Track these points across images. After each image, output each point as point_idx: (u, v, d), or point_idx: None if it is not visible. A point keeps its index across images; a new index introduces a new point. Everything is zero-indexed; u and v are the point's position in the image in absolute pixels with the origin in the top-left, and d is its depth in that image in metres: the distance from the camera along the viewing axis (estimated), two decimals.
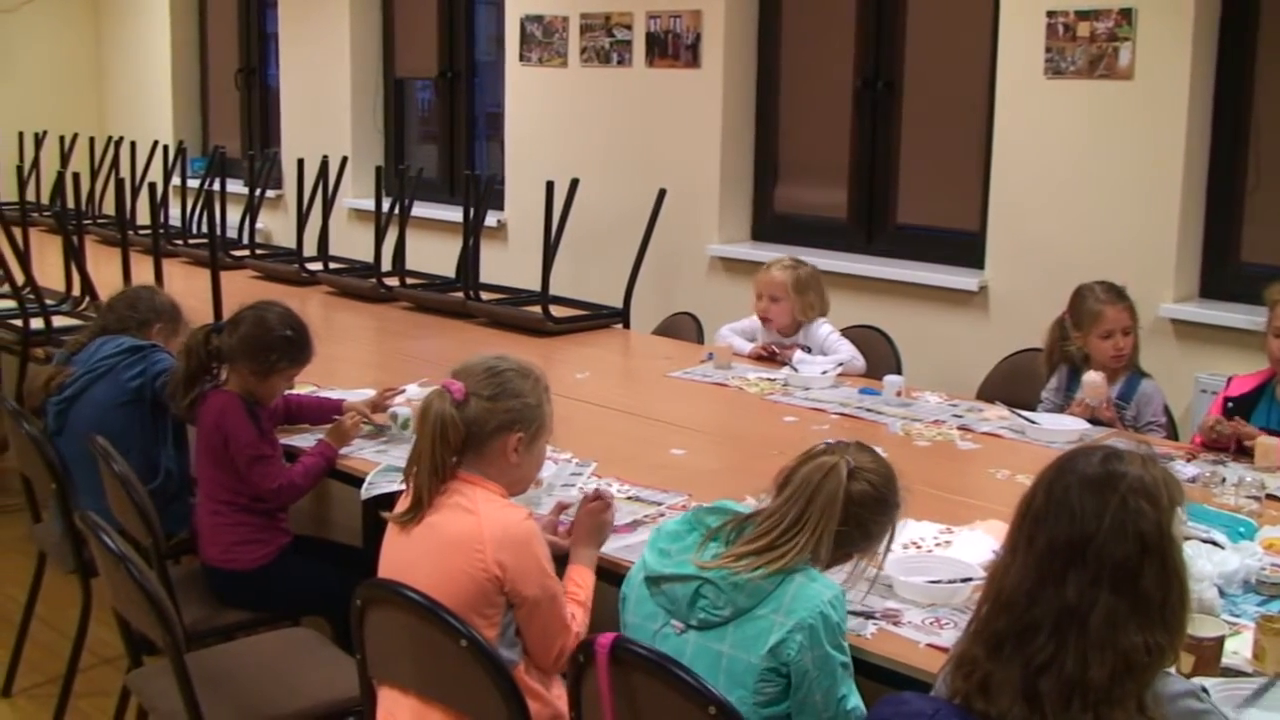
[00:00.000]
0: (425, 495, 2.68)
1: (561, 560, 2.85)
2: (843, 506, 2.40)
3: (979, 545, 2.93)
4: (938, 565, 2.82)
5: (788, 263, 5.02)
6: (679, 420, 4.19)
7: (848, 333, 4.98)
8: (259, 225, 7.73)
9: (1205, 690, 2.02)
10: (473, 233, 6.05)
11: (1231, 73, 4.93)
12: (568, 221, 5.90)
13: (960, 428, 4.06)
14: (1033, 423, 4.02)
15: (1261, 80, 4.92)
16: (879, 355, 4.96)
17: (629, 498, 3.33)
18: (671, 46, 6.47)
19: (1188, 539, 2.79)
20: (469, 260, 6.01)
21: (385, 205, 6.52)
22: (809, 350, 4.86)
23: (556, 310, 5.62)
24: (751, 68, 6.39)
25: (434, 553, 2.65)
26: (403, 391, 4.03)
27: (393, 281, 6.19)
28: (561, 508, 3.08)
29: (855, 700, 2.33)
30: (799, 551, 2.35)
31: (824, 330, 4.92)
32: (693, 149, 6.39)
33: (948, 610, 2.63)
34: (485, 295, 5.90)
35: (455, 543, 2.62)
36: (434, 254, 6.86)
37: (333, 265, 6.78)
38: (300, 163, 7.11)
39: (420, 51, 8.22)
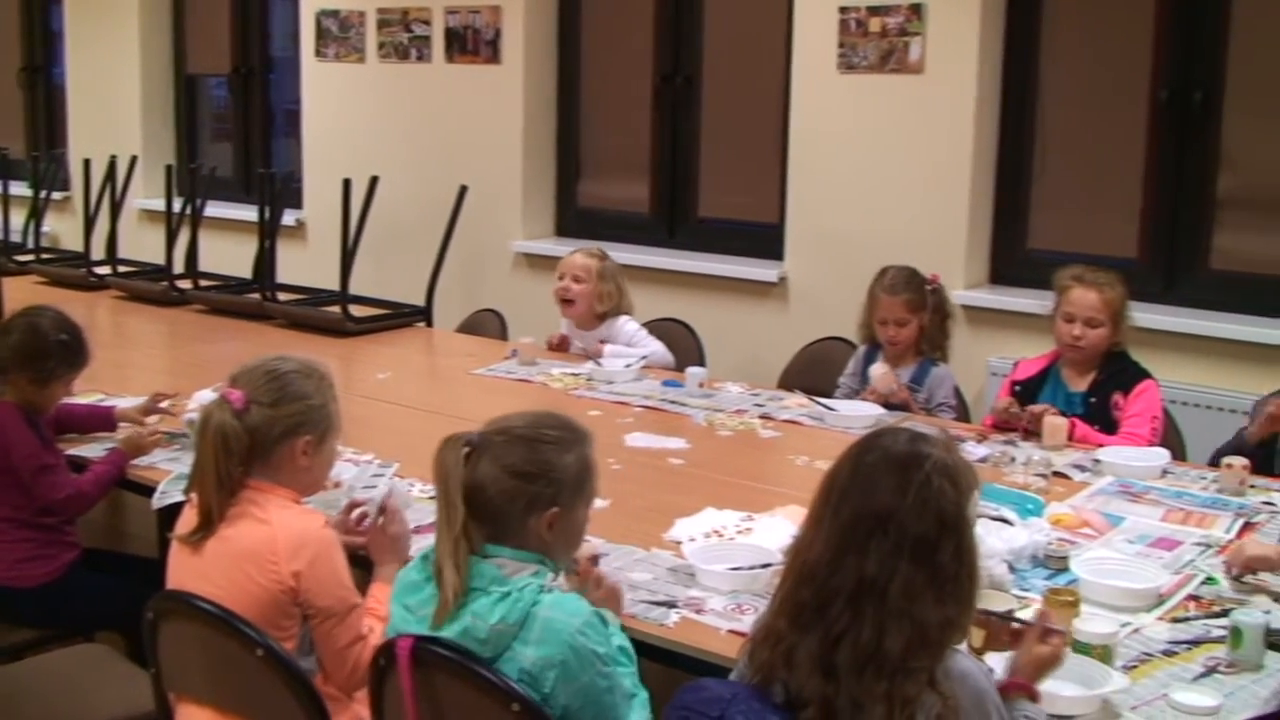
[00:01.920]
0: (215, 510, 2.59)
1: (355, 561, 2.79)
2: (470, 486, 2.28)
3: (779, 531, 2.96)
4: (739, 552, 2.85)
5: (594, 251, 5.04)
6: (483, 418, 4.02)
7: (652, 326, 5.02)
8: (45, 229, 7.46)
9: (993, 670, 2.10)
10: (269, 232, 5.92)
11: (1018, 66, 5.10)
12: (368, 220, 5.81)
13: (762, 416, 4.12)
14: (831, 409, 4.10)
15: (1046, 73, 5.10)
16: (683, 347, 5.00)
17: (433, 497, 3.27)
18: (471, 42, 6.42)
19: (979, 517, 2.88)
20: (266, 260, 5.88)
21: (177, 206, 6.34)
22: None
23: (357, 310, 5.53)
24: (552, 63, 6.38)
25: (226, 566, 2.56)
26: (176, 396, 3.92)
27: (186, 284, 6.02)
28: (354, 506, 3.02)
29: (638, 716, 2.29)
30: (479, 545, 2.26)
31: (630, 328, 4.93)
32: (495, 145, 6.35)
33: (749, 596, 2.66)
34: (283, 296, 5.77)
35: (249, 554, 2.55)
36: (231, 255, 6.67)
37: (122, 269, 6.54)
38: (87, 163, 6.87)
39: (213, 48, 8.00)
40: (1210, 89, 4.75)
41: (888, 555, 1.87)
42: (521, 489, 2.31)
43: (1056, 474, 3.51)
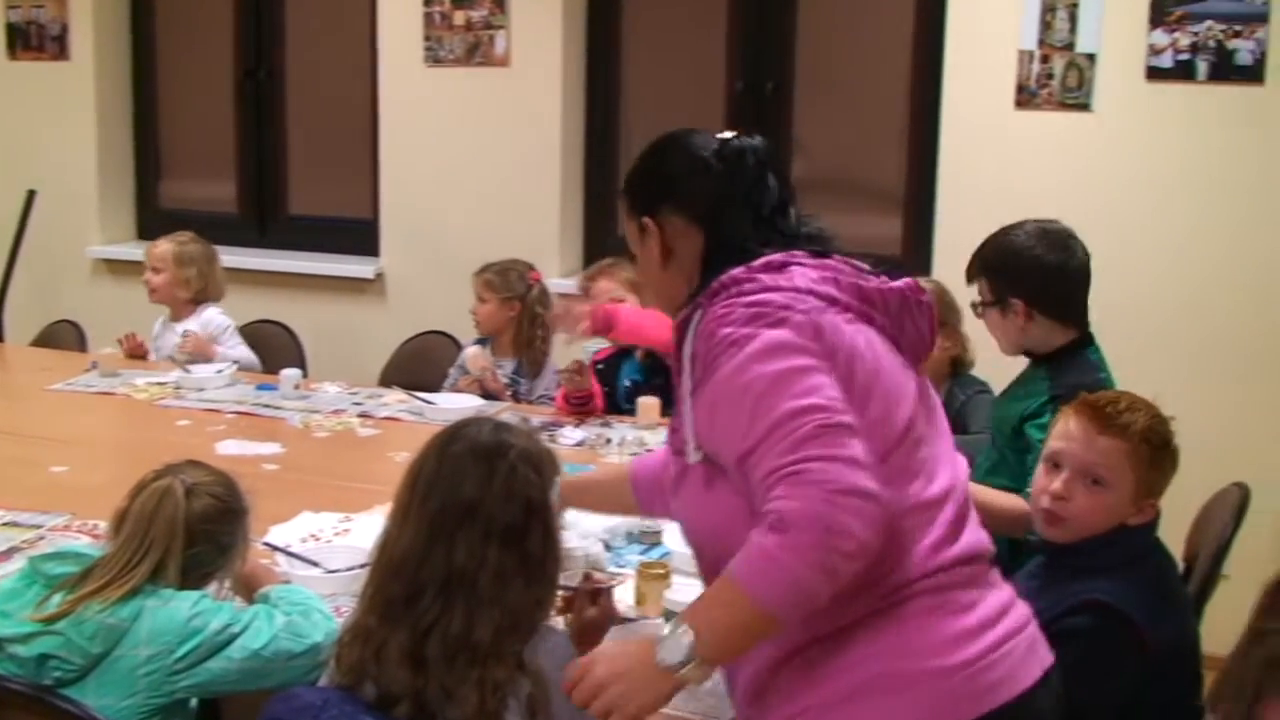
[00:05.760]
0: None
1: None
2: (186, 527, 2.28)
3: (378, 529, 2.91)
4: (337, 554, 2.79)
5: (180, 236, 4.90)
6: (60, 435, 3.90)
7: (247, 329, 4.91)
8: None
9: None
10: None
11: (601, 58, 5.21)
12: None
13: (360, 415, 4.06)
14: (430, 404, 4.09)
15: (628, 64, 5.23)
16: (281, 349, 4.89)
17: (5, 524, 3.08)
18: (36, 38, 6.03)
19: None
20: None
21: None
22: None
23: None
24: (126, 58, 6.06)
25: None
26: None
27: None
28: None
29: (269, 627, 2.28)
30: (141, 579, 2.23)
31: (219, 320, 4.81)
32: (66, 146, 5.97)
33: (348, 598, 2.59)
34: None
35: None
36: None
37: None
38: None
39: None
40: (781, 80, 4.99)
41: (476, 544, 1.88)
42: (219, 566, 2.36)
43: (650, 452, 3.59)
